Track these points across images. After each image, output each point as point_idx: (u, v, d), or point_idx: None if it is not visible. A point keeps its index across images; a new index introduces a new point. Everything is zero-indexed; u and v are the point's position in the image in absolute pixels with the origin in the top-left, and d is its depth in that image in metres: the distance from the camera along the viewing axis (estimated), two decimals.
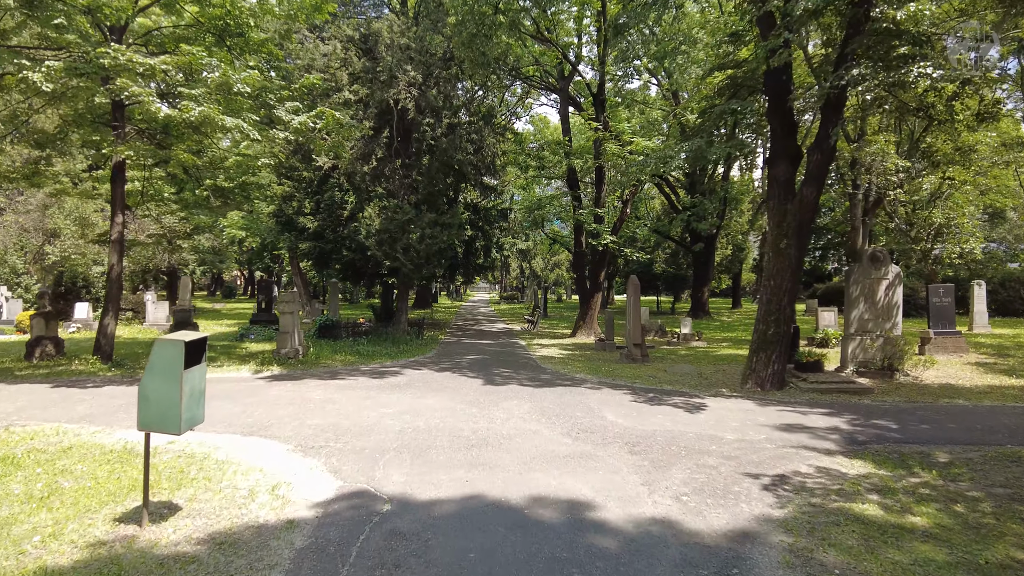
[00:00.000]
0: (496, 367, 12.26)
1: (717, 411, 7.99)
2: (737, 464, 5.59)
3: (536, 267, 62.53)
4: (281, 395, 8.82)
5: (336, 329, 16.91)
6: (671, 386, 10.02)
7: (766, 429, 6.98)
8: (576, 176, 19.62)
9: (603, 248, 17.96)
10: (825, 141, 10.06)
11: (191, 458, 5.69)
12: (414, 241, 14.68)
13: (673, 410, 8.00)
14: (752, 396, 9.21)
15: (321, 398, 8.62)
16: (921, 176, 15.43)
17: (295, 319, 12.85)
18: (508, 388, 9.59)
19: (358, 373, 11.14)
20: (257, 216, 26.46)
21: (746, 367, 10.01)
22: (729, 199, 26.63)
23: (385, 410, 7.78)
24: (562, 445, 6.14)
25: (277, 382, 10.05)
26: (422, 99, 14.31)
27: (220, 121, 8.49)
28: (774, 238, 10.26)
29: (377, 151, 14.51)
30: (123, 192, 11.13)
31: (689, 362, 13.30)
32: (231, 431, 6.79)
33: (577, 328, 18.91)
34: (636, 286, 13.06)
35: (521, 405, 8.13)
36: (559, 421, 7.20)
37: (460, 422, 7.10)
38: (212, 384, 9.76)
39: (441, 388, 9.54)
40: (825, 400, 8.93)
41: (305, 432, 6.69)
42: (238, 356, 13.32)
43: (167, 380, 3.93)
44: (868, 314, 11.55)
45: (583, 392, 9.26)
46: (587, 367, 12.19)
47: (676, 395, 9.19)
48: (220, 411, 7.70)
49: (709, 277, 28.30)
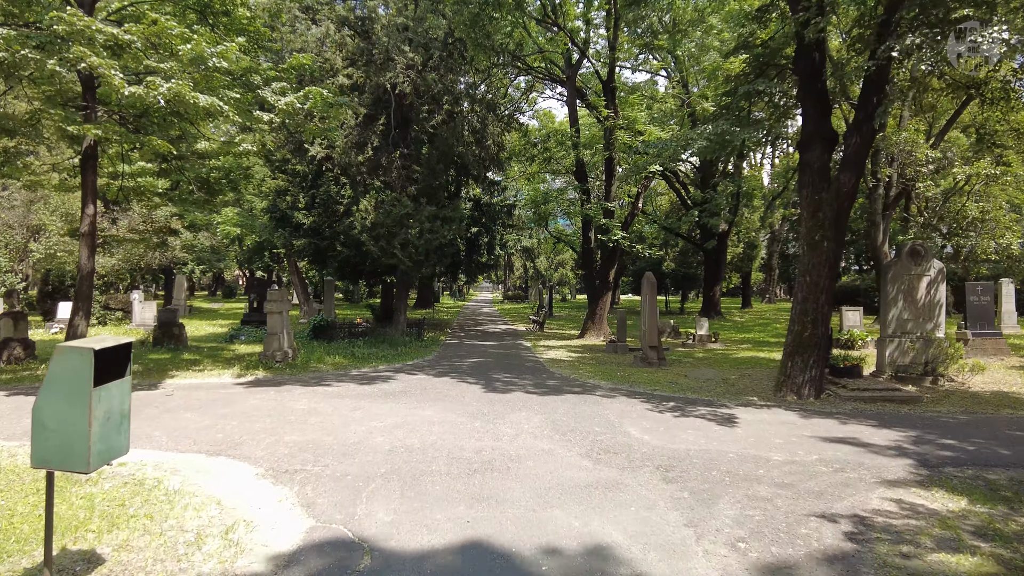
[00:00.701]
0: (501, 372, 11.30)
1: (754, 424, 7.01)
2: (795, 495, 4.62)
3: (540, 266, 61.59)
4: (261, 405, 7.88)
5: (331, 330, 15.98)
6: (695, 394, 9.04)
7: (816, 447, 6.00)
8: (584, 169, 18.64)
9: (613, 244, 16.98)
10: (866, 122, 9.07)
11: (139, 486, 4.75)
12: (413, 236, 13.73)
13: (704, 423, 7.02)
14: (788, 406, 8.23)
15: (305, 408, 7.67)
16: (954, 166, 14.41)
17: (284, 319, 11.91)
18: (515, 396, 8.63)
19: (349, 379, 10.20)
20: (252, 212, 25.59)
21: (780, 373, 9.02)
22: (742, 194, 25.60)
23: (375, 424, 6.83)
24: (582, 470, 5.17)
25: (259, 389, 9.11)
26: (421, 83, 13.35)
27: (192, 99, 7.55)
28: (808, 230, 9.27)
29: (373, 139, 13.56)
30: (95, 181, 10.21)
31: (708, 365, 12.32)
32: (196, 449, 5.85)
33: (586, 329, 17.93)
34: (652, 284, 12.09)
35: (531, 418, 7.16)
36: (575, 438, 6.23)
37: (461, 439, 6.14)
38: (188, 391, 8.83)
39: (440, 396, 8.59)
40: (871, 411, 7.95)
41: (280, 451, 5.74)
42: (223, 359, 12.40)
43: (71, 401, 2.97)
44: (907, 313, 10.55)
45: (598, 401, 8.29)
46: (599, 371, 11.22)
47: (703, 405, 8.21)
48: (188, 424, 6.76)
49: (721, 276, 27.29)
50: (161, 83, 7.33)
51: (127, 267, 23.47)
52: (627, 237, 16.92)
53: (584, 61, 18.35)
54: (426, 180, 14.75)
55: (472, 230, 21.27)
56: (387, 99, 13.80)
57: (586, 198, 18.47)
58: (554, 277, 61.17)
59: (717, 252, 26.50)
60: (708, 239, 25.99)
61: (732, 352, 14.81)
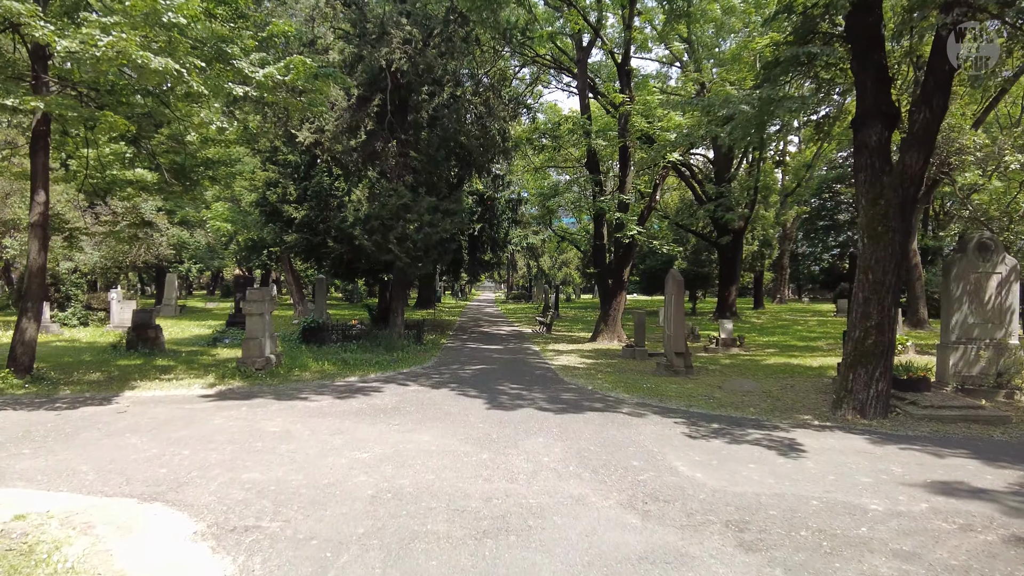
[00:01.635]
0: (508, 382, 10.00)
1: (824, 455, 5.71)
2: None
3: (544, 265, 60.30)
4: (226, 426, 6.59)
5: (322, 332, 14.69)
6: (738, 412, 7.73)
7: (917, 492, 4.69)
8: (596, 159, 17.32)
9: (629, 240, 15.68)
10: (938, 93, 7.75)
11: (24, 557, 3.46)
12: (411, 230, 12.44)
13: (763, 453, 5.71)
14: (853, 427, 6.92)
15: (277, 431, 6.38)
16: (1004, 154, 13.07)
17: (265, 322, 10.63)
18: (527, 415, 7.32)
19: (336, 390, 8.90)
20: (244, 207, 24.32)
21: (839, 387, 7.70)
22: (759, 188, 24.28)
23: (359, 454, 5.53)
24: (628, 530, 3.87)
25: (229, 404, 7.83)
26: (421, 61, 12.05)
27: (142, 59, 6.28)
28: (869, 220, 7.95)
29: (367, 123, 12.27)
30: (46, 164, 8.94)
31: (740, 374, 11.01)
32: (127, 491, 4.57)
33: (598, 332, 16.62)
34: (679, 283, 10.77)
35: (550, 446, 5.86)
36: (611, 477, 4.93)
37: (465, 479, 4.84)
38: (146, 407, 7.55)
39: (439, 415, 7.29)
40: (955, 434, 6.64)
41: (234, 496, 4.46)
42: (200, 366, 11.13)
43: None
44: (974, 317, 9.23)
45: (628, 422, 6.98)
46: (620, 382, 9.91)
47: (752, 427, 6.90)
48: (130, 453, 5.48)
49: (737, 275, 25.95)
50: (100, 37, 6.04)
51: (111, 265, 22.24)
52: (643, 232, 15.61)
53: (597, 43, 17.02)
54: (425, 169, 13.46)
55: (475, 226, 20.00)
56: (382, 79, 12.50)
57: (599, 190, 17.15)
58: (558, 276, 59.88)
59: (733, 250, 25.17)
60: (724, 235, 24.68)
61: (760, 358, 13.50)
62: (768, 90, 8.45)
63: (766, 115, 8.60)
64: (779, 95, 8.29)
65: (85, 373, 9.99)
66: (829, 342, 16.65)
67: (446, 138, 13.58)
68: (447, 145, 13.83)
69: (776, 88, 8.98)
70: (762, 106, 8.40)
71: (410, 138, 13.21)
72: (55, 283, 21.51)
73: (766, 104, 8.47)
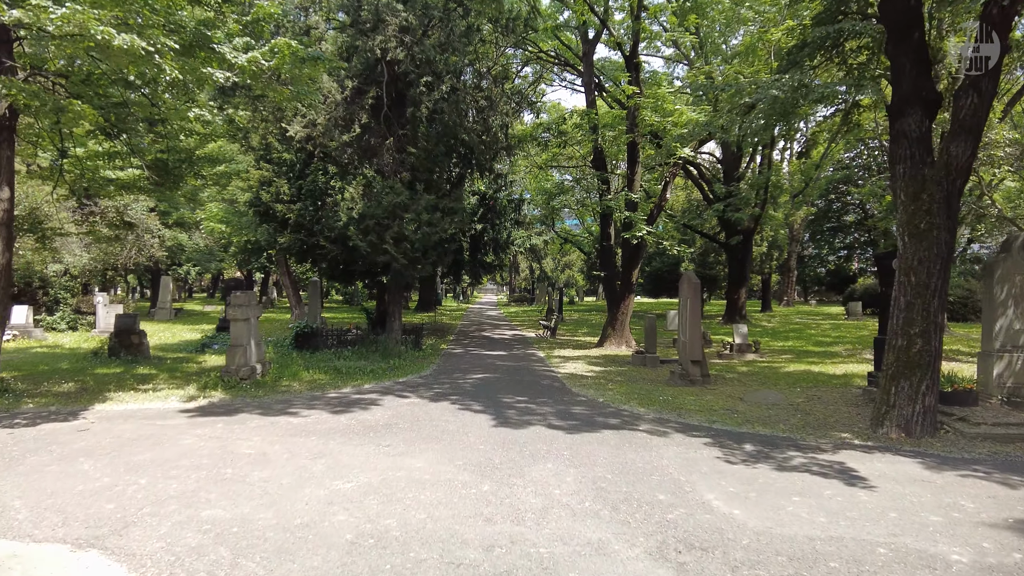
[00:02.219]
0: (513, 393, 9.26)
1: (877, 484, 4.95)
2: None
3: (546, 267, 59.61)
4: (195, 447, 5.87)
5: (315, 338, 13.97)
6: (767, 428, 6.98)
7: (1006, 537, 3.94)
8: (603, 156, 16.60)
9: (638, 241, 14.94)
10: (987, 77, 7.02)
11: None
12: (408, 230, 11.72)
13: (809, 483, 4.96)
14: (900, 448, 6.17)
15: (252, 453, 5.66)
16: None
17: (251, 328, 9.91)
18: (535, 433, 6.58)
19: (324, 404, 8.18)
20: (239, 207, 23.64)
21: (879, 400, 6.93)
22: (771, 187, 23.51)
23: (340, 484, 4.80)
24: None
25: (205, 420, 7.11)
26: (419, 51, 11.34)
27: (102, 35, 5.59)
28: (910, 216, 7.21)
29: (361, 116, 11.56)
30: (10, 158, 8.24)
31: (760, 383, 10.27)
32: (60, 534, 3.85)
33: (605, 336, 15.87)
34: (695, 286, 10.03)
35: (561, 474, 5.11)
36: (634, 516, 4.18)
37: (462, 520, 4.10)
38: (112, 423, 6.84)
39: (435, 433, 6.55)
40: (1019, 456, 5.87)
41: (185, 542, 3.73)
42: (182, 375, 10.43)
43: None
44: (1020, 323, 8.46)
45: (647, 442, 6.23)
46: (633, 393, 9.16)
47: (789, 447, 6.15)
48: (76, 483, 4.76)
49: (746, 277, 25.19)
50: (53, 8, 5.35)
51: (101, 267, 21.56)
52: (653, 232, 14.87)
53: (603, 36, 16.30)
54: (424, 165, 12.74)
55: (477, 226, 19.29)
56: (378, 70, 11.80)
57: (606, 188, 16.42)
58: (560, 278, 59.18)
59: (742, 251, 24.41)
60: (731, 237, 23.92)
61: (778, 365, 12.73)
62: (797, 74, 7.71)
63: (798, 100, 7.83)
64: (811, 80, 7.54)
65: (57, 383, 9.28)
66: (847, 347, 15.88)
67: (446, 133, 12.87)
68: (447, 141, 13.12)
69: (803, 74, 8.25)
70: (792, 92, 7.65)
71: (408, 133, 12.50)
72: (43, 286, 20.83)
73: (796, 90, 7.72)
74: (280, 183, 15.85)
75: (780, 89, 7.43)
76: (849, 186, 42.12)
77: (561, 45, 19.52)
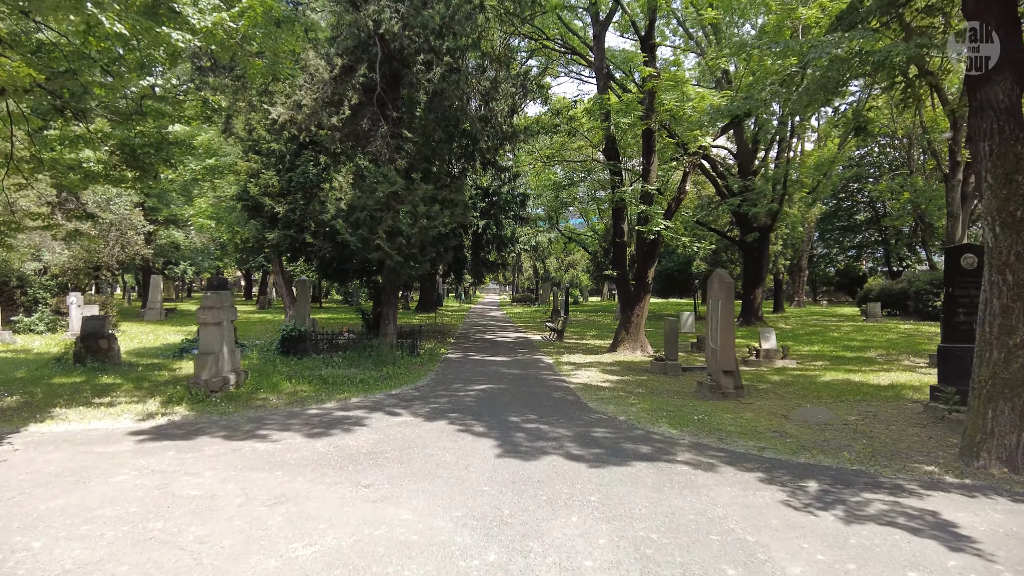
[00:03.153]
0: (520, 408, 8.07)
1: (1008, 549, 3.74)
2: None
3: (550, 267, 58.40)
4: (127, 487, 4.69)
5: (304, 342, 12.80)
6: (828, 457, 5.77)
7: None
8: (615, 145, 15.38)
9: (654, 237, 13.73)
10: None
11: None
12: (403, 223, 10.54)
13: (913, 546, 3.75)
14: (1008, 488, 4.95)
15: (198, 496, 4.47)
16: None
17: (224, 333, 8.74)
18: (549, 466, 5.38)
19: (301, 423, 6.99)
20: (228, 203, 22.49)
21: (973, 428, 5.70)
22: (789, 182, 22.28)
23: (300, 549, 3.61)
24: None
25: (155, 446, 5.92)
26: (416, 22, 10.15)
27: None
28: (1002, 203, 5.98)
29: (351, 96, 10.37)
30: None
31: (799, 395, 9.06)
32: None
33: (618, 340, 14.66)
34: (728, 285, 8.81)
35: (591, 533, 3.91)
36: None
37: None
38: (41, 450, 5.65)
39: (428, 466, 5.36)
40: None
41: None
42: (150, 384, 9.27)
43: None
44: None
45: (692, 481, 5.02)
46: (661, 409, 7.95)
47: (864, 487, 4.93)
48: None
49: (763, 276, 23.99)
50: None
51: (83, 265, 20.42)
52: (671, 227, 13.66)
53: (616, 15, 15.09)
54: (421, 152, 11.55)
55: (479, 222, 18.11)
56: (370, 45, 10.62)
57: (619, 179, 15.22)
58: (564, 278, 57.93)
59: (758, 249, 23.19)
60: (747, 234, 22.70)
61: (812, 373, 11.51)
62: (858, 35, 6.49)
63: (855, 67, 6.61)
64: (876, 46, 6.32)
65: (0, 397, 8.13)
66: (879, 351, 14.65)
67: (446, 117, 11.67)
68: (446, 127, 11.93)
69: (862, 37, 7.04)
70: (852, 56, 6.44)
71: (403, 116, 11.32)
72: (21, 285, 19.72)
73: (856, 55, 6.50)
74: (269, 175, 14.68)
75: (842, 47, 6.21)
76: (863, 183, 40.79)
77: (568, 32, 18.35)
